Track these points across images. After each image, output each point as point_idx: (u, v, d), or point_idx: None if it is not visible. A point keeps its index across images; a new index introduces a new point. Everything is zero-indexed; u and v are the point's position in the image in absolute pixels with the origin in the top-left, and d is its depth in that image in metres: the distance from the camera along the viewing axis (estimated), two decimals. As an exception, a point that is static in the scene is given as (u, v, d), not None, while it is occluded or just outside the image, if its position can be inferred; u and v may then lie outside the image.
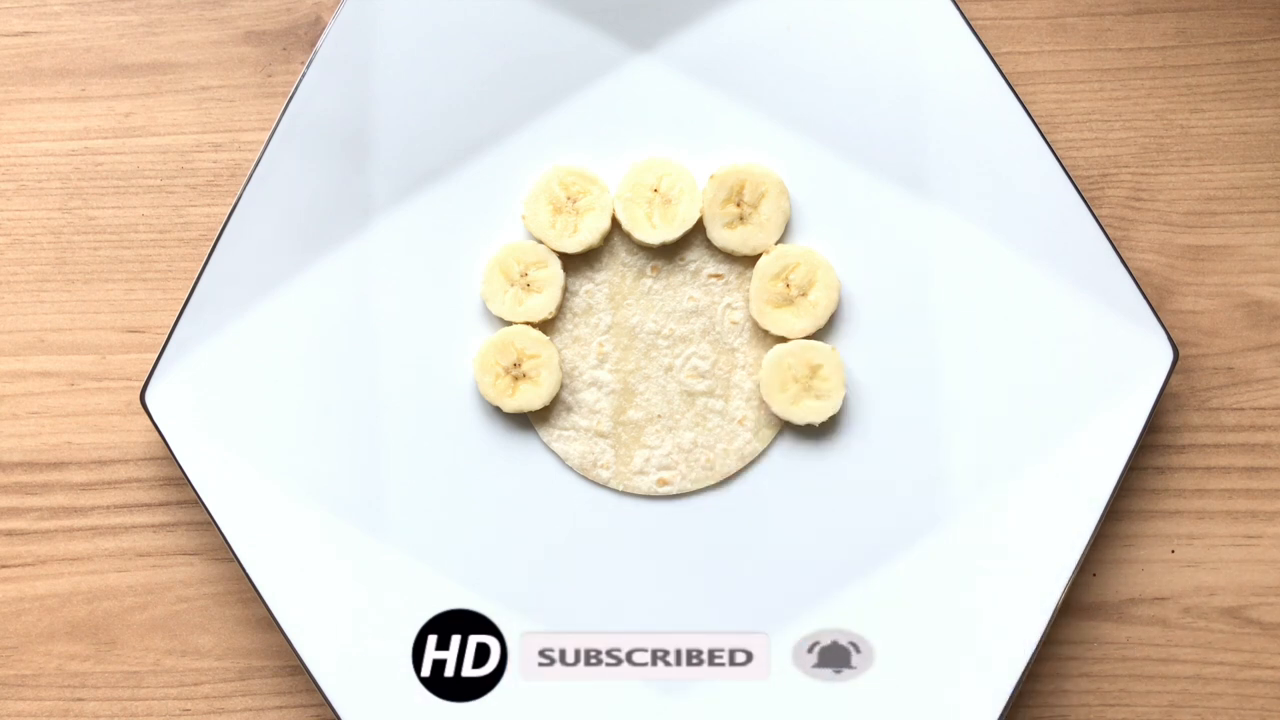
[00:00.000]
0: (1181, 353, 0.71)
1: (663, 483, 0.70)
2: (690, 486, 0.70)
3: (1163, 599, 0.70)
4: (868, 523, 0.69)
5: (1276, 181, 0.72)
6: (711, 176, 0.69)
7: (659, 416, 0.70)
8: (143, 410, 0.70)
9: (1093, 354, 0.69)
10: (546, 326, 0.70)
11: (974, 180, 0.69)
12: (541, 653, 0.69)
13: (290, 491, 0.69)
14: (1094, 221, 0.68)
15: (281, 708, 0.70)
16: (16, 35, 0.73)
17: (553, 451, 0.70)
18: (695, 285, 0.70)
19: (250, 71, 0.72)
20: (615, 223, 0.70)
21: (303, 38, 0.73)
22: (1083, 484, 0.68)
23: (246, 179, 0.69)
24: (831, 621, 0.69)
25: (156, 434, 0.71)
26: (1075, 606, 0.70)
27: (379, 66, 0.69)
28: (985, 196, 0.69)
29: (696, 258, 0.71)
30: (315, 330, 0.69)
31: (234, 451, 0.68)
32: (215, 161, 0.72)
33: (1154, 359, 0.68)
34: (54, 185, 0.72)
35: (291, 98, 0.68)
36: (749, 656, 0.69)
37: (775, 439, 0.70)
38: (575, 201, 0.70)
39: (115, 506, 0.71)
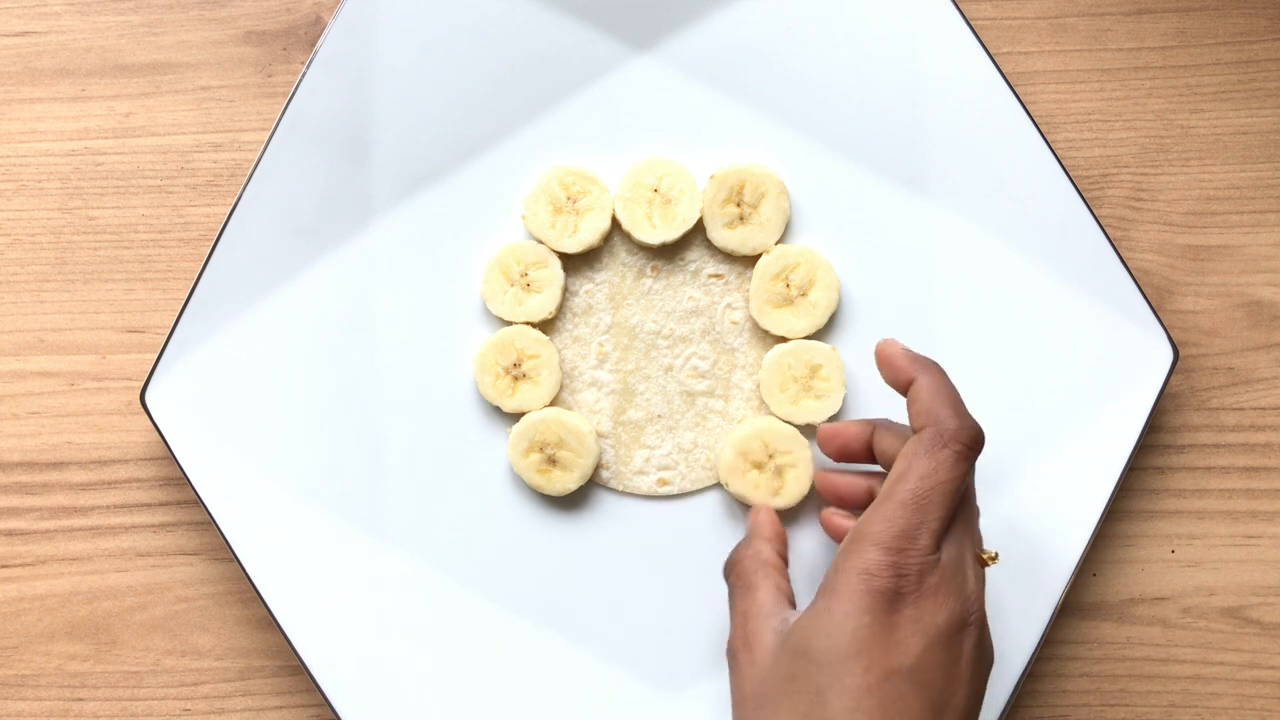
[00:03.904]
0: (1181, 353, 0.71)
1: (663, 483, 0.70)
2: (690, 486, 0.70)
3: (1163, 599, 0.70)
4: (868, 523, 0.69)
5: (1276, 181, 0.72)
6: (711, 176, 0.69)
7: (659, 416, 0.70)
8: (143, 410, 0.70)
9: (1093, 354, 0.69)
10: (546, 326, 0.70)
11: (974, 180, 0.69)
12: (541, 651, 0.69)
13: (290, 491, 0.69)
14: (1094, 221, 0.68)
15: (281, 708, 0.70)
16: (16, 35, 0.73)
17: (553, 451, 0.70)
18: (695, 285, 0.70)
19: (250, 71, 0.72)
20: (615, 223, 0.70)
21: (303, 38, 0.73)
22: (1083, 484, 0.68)
23: (246, 179, 0.69)
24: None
25: (156, 434, 0.71)
26: (1075, 606, 0.70)
27: (379, 66, 0.69)
28: (985, 196, 0.69)
29: (696, 258, 0.71)
30: (315, 330, 0.69)
31: (234, 451, 0.68)
32: (215, 161, 0.72)
33: (1154, 359, 0.68)
34: (54, 185, 0.72)
35: (291, 98, 0.69)
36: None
37: (775, 439, 0.70)
38: (575, 201, 0.70)
39: (115, 506, 0.71)
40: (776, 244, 0.70)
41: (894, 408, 0.69)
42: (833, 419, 0.69)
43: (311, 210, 0.69)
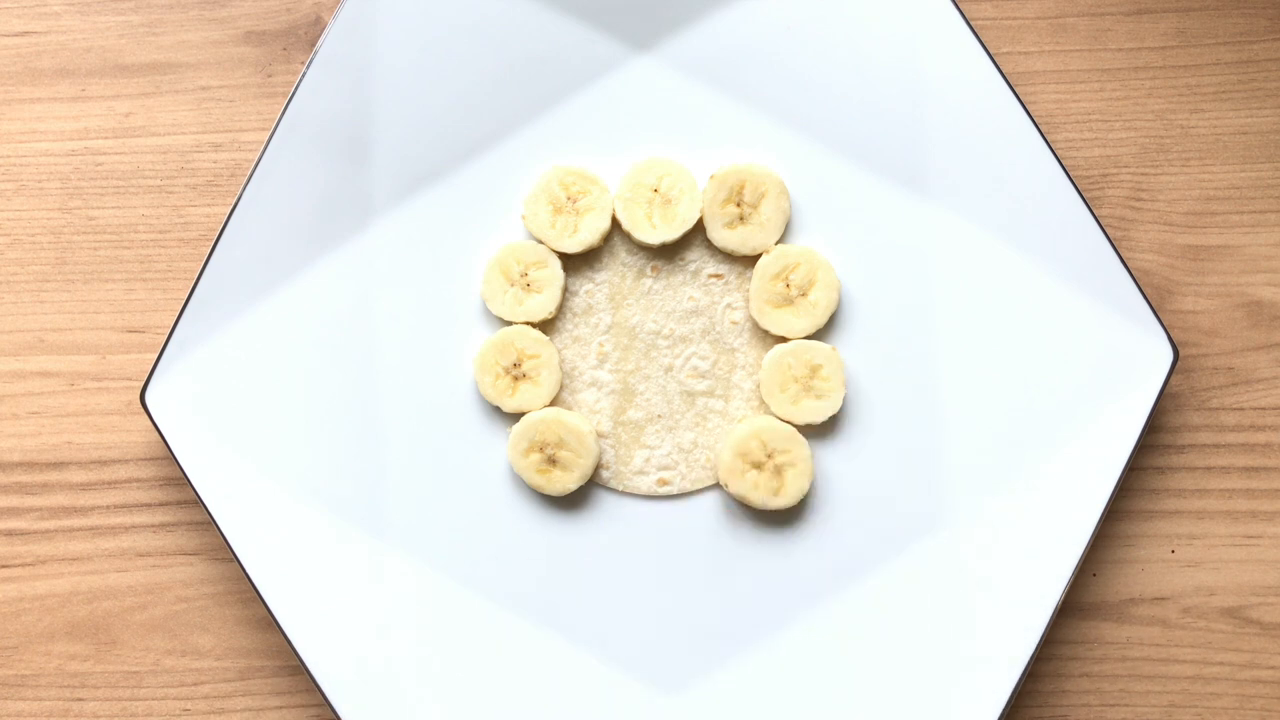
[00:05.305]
0: (1181, 353, 0.71)
1: (663, 483, 0.70)
2: (690, 486, 0.70)
3: (1163, 599, 0.70)
4: (868, 522, 0.69)
5: (1276, 181, 0.72)
6: (711, 176, 0.69)
7: (659, 416, 0.70)
8: (143, 410, 0.70)
9: (1093, 354, 0.69)
10: (546, 326, 0.70)
11: (974, 180, 0.69)
12: (541, 651, 0.69)
13: (290, 491, 0.69)
14: (1094, 221, 0.68)
15: (281, 708, 0.70)
16: (16, 35, 0.73)
17: (553, 451, 0.70)
18: (695, 285, 0.70)
19: (250, 71, 0.72)
20: (615, 223, 0.70)
21: (303, 38, 0.73)
22: (1083, 484, 0.68)
23: (246, 179, 0.69)
24: (833, 620, 0.68)
25: (156, 434, 0.71)
26: (1075, 606, 0.70)
27: (379, 66, 0.69)
28: (985, 196, 0.69)
29: (696, 258, 0.71)
30: (315, 330, 0.69)
31: (234, 451, 0.68)
32: (215, 161, 0.72)
33: (1154, 359, 0.68)
34: (54, 185, 0.72)
35: (291, 98, 0.69)
36: (750, 655, 0.69)
37: (775, 439, 0.70)
38: (575, 201, 0.70)
39: (115, 506, 0.71)
40: (776, 244, 0.70)
41: (893, 409, 0.69)
42: (833, 419, 0.69)
43: (311, 210, 0.69)
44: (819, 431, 0.69)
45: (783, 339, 0.70)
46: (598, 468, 0.70)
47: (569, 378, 0.70)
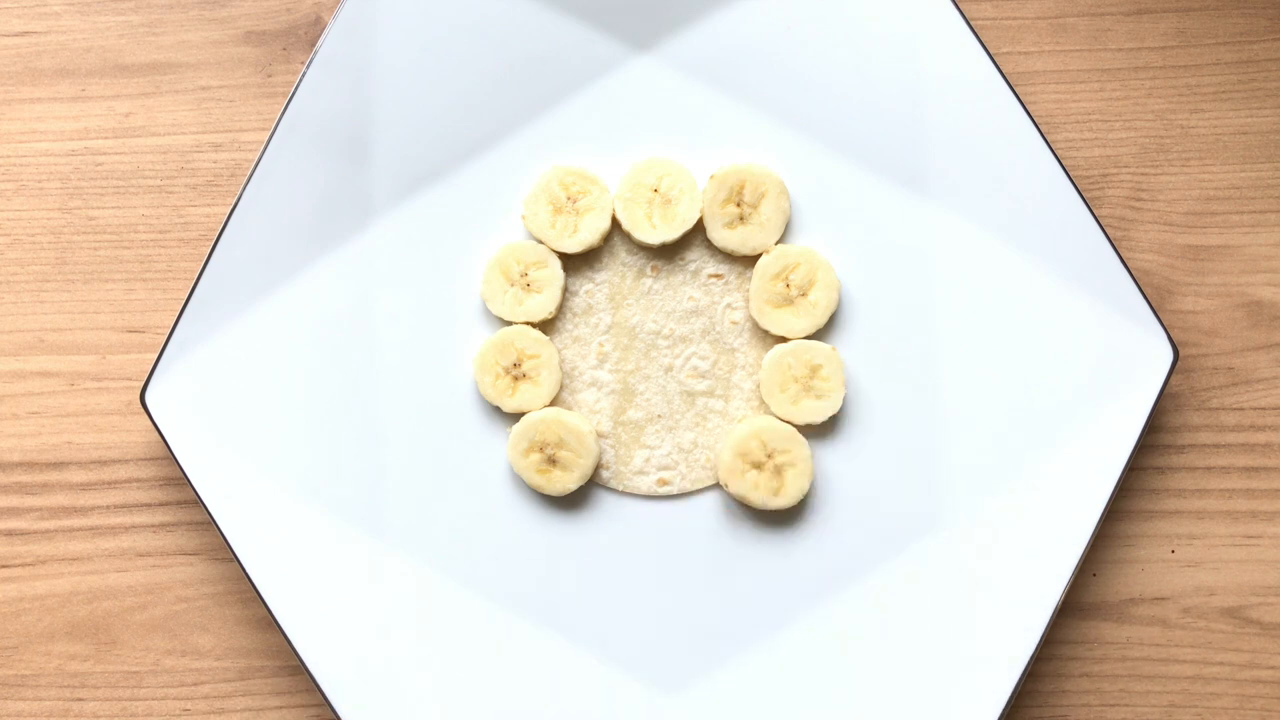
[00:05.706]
0: (1181, 353, 0.71)
1: (663, 483, 0.70)
2: (690, 486, 0.70)
3: (1163, 599, 0.70)
4: (868, 522, 0.69)
5: (1276, 181, 0.72)
6: (711, 176, 0.69)
7: (659, 416, 0.70)
8: (143, 410, 0.70)
9: (1093, 354, 0.69)
10: (546, 326, 0.70)
11: (974, 180, 0.69)
12: (541, 651, 0.69)
13: (290, 491, 0.69)
14: (1094, 221, 0.68)
15: (281, 708, 0.70)
16: (16, 35, 0.73)
17: (553, 451, 0.70)
18: (695, 285, 0.70)
19: (250, 71, 0.72)
20: (615, 223, 0.70)
21: (303, 38, 0.73)
22: (1083, 484, 0.68)
23: (246, 179, 0.69)
24: (833, 620, 0.69)
25: (156, 434, 0.71)
26: (1075, 606, 0.70)
27: (379, 66, 0.70)
28: (985, 196, 0.69)
29: (696, 258, 0.71)
30: (315, 330, 0.69)
31: (234, 451, 0.68)
32: (215, 161, 0.72)
33: (1154, 359, 0.68)
34: (54, 185, 0.72)
35: (291, 98, 0.69)
36: (750, 655, 0.69)
37: (775, 439, 0.70)
38: (575, 201, 0.70)
39: (115, 506, 0.71)
40: (776, 244, 0.70)
41: (893, 409, 0.69)
42: (833, 419, 0.69)
43: (311, 210, 0.69)
44: (819, 431, 0.69)
45: (783, 339, 0.70)
46: (598, 468, 0.70)
47: (569, 378, 0.70)
